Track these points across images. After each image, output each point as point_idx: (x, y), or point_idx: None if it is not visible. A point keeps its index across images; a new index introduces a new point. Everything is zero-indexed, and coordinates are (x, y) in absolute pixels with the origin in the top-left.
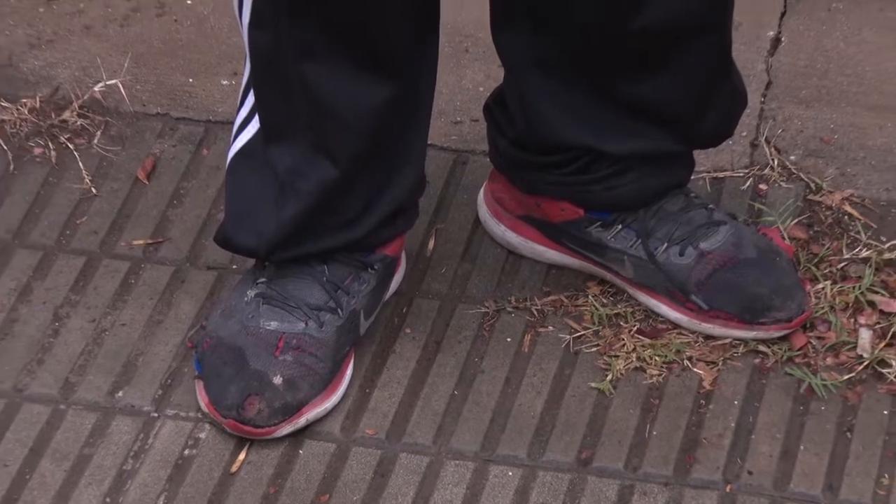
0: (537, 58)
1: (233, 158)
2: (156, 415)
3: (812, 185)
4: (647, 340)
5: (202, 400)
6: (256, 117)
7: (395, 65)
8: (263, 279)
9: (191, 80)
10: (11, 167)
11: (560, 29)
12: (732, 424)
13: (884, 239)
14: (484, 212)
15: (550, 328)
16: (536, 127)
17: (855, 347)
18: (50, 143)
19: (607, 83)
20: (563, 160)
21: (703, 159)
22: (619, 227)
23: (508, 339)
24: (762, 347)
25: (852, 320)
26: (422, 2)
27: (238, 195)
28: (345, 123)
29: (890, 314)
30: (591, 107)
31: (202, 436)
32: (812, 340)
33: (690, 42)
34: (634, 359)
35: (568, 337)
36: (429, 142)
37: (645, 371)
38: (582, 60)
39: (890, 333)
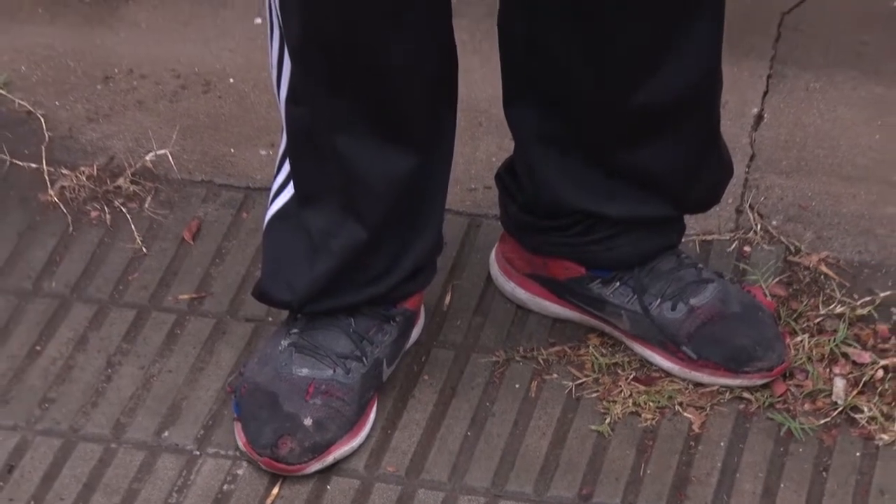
0: (543, 131)
1: (269, 221)
2: (198, 453)
3: (791, 248)
4: (642, 387)
5: (240, 439)
6: (291, 184)
7: (418, 137)
8: (296, 330)
9: (232, 150)
10: (70, 229)
11: (564, 105)
12: (719, 464)
13: (856, 296)
14: (495, 270)
15: (555, 376)
16: (543, 193)
17: (830, 395)
18: (105, 207)
19: (607, 154)
20: (566, 223)
21: (693, 223)
22: (617, 284)
23: (517, 386)
24: (746, 394)
25: (828, 370)
26: (443, 80)
27: (274, 254)
28: (373, 190)
29: (862, 365)
30: (591, 175)
31: (240, 472)
32: (791, 388)
33: (684, 117)
34: (631, 404)
35: (571, 384)
36: (446, 207)
37: (640, 415)
38: (584, 133)
39: (862, 382)
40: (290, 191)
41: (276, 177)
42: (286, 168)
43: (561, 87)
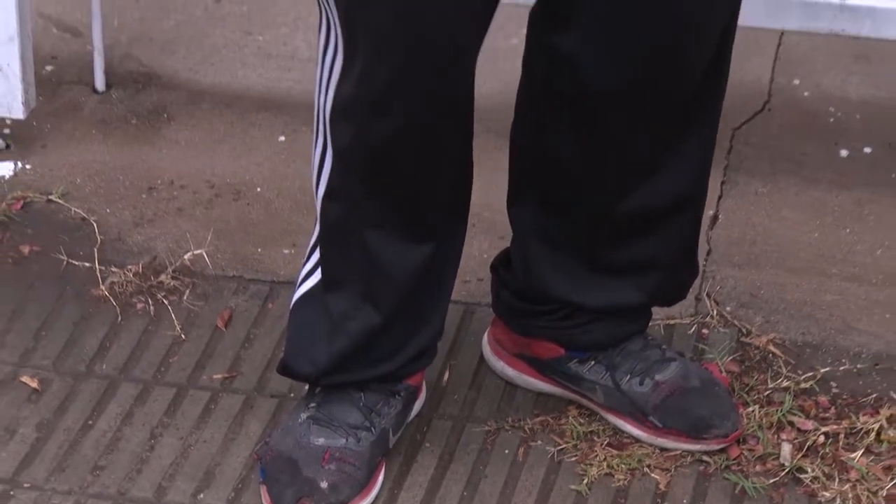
0: (541, 229)
1: (296, 302)
2: None
3: (743, 330)
4: (615, 452)
5: (265, 500)
6: (318, 270)
7: (439, 232)
8: (313, 404)
9: (259, 249)
10: (119, 319)
11: (565, 208)
12: None
13: (800, 372)
14: (487, 351)
15: (539, 442)
16: (533, 284)
17: (778, 458)
18: (149, 300)
19: (594, 252)
20: (550, 309)
21: (657, 309)
22: (593, 363)
23: (506, 452)
24: (705, 457)
25: (776, 436)
26: (464, 183)
27: (298, 332)
28: (392, 280)
29: (806, 431)
30: (577, 269)
31: None
32: (744, 452)
33: (671, 220)
34: (605, 466)
35: (553, 449)
36: None
37: (613, 476)
38: (578, 233)
39: (806, 447)
40: (317, 276)
41: (305, 263)
42: (315, 256)
43: (564, 192)
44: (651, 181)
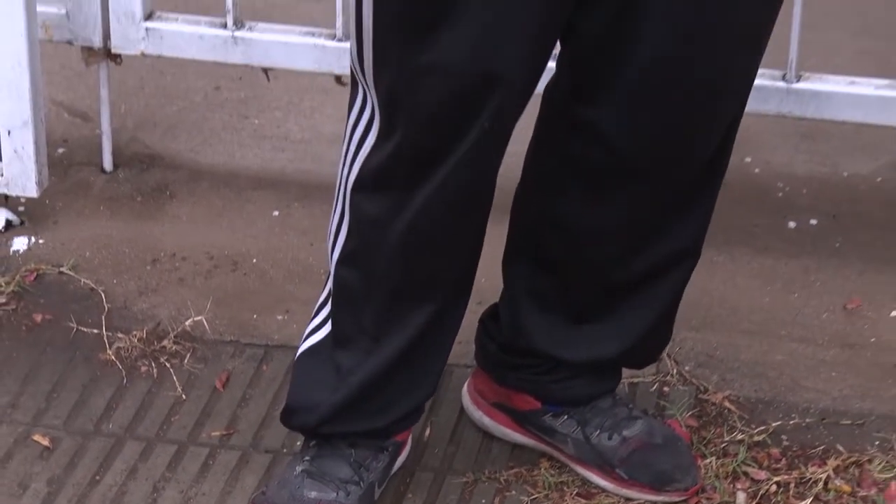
0: (534, 288)
1: (301, 355)
2: None
3: (701, 388)
4: (584, 501)
5: None
6: (327, 325)
7: (446, 295)
8: (308, 458)
9: (255, 316)
10: (125, 381)
11: (561, 270)
12: None
13: (753, 426)
14: (467, 401)
15: (514, 493)
16: (519, 338)
17: None
18: (153, 363)
19: (582, 311)
20: (533, 363)
21: (624, 370)
22: (566, 417)
23: (483, 501)
24: None
25: (731, 486)
26: (478, 248)
27: (303, 383)
28: (397, 338)
29: (759, 481)
30: (563, 328)
31: None
32: (702, 500)
33: (657, 288)
34: None
35: (526, 499)
36: None
37: None
38: (569, 294)
39: (759, 495)
40: (325, 331)
41: (313, 318)
42: (324, 312)
43: (564, 255)
44: (649, 250)
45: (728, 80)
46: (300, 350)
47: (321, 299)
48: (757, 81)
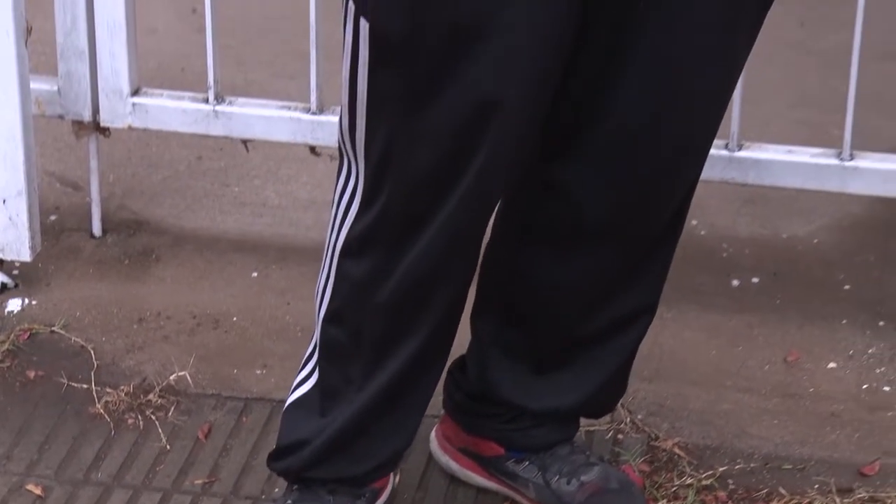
0: (501, 340)
1: (289, 405)
2: None
3: (653, 435)
4: None
5: None
6: (313, 377)
7: (428, 350)
8: (289, 502)
9: (235, 371)
10: (113, 433)
11: (528, 324)
12: None
13: (702, 471)
14: (434, 446)
15: None
16: (486, 388)
17: None
18: (139, 416)
19: (544, 365)
20: (498, 412)
21: (581, 418)
22: (528, 463)
23: None
24: None
25: None
26: (462, 302)
27: (289, 431)
28: (380, 392)
29: None
30: (527, 379)
31: None
32: None
33: (615, 340)
34: None
35: None
36: None
37: None
38: (535, 346)
39: None
40: (311, 383)
41: (300, 371)
42: (310, 366)
43: (531, 310)
44: (611, 306)
45: (691, 147)
46: (288, 401)
47: (307, 353)
48: None
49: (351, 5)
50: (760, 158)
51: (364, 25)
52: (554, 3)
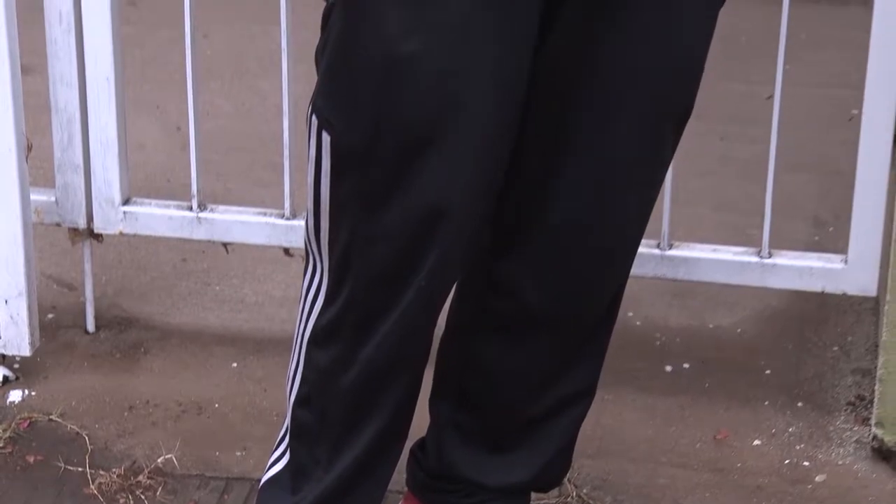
0: (455, 422)
1: (264, 483)
2: None
3: None
4: None
5: None
6: (285, 458)
7: (387, 429)
8: None
9: (217, 453)
10: None
11: (480, 407)
12: None
13: None
14: None
15: None
16: (444, 467)
17: None
18: (130, 496)
19: (497, 444)
20: (456, 489)
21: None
22: None
23: None
24: None
25: None
26: (412, 391)
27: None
28: (345, 466)
29: None
30: (482, 457)
31: None
32: None
33: (561, 418)
34: None
35: None
36: None
37: None
38: (487, 426)
39: None
40: (283, 463)
41: (273, 451)
42: (282, 447)
43: (483, 393)
44: (555, 389)
45: (623, 243)
46: (263, 479)
47: (280, 435)
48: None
49: (314, 119)
50: (689, 256)
51: (326, 137)
52: (500, 113)
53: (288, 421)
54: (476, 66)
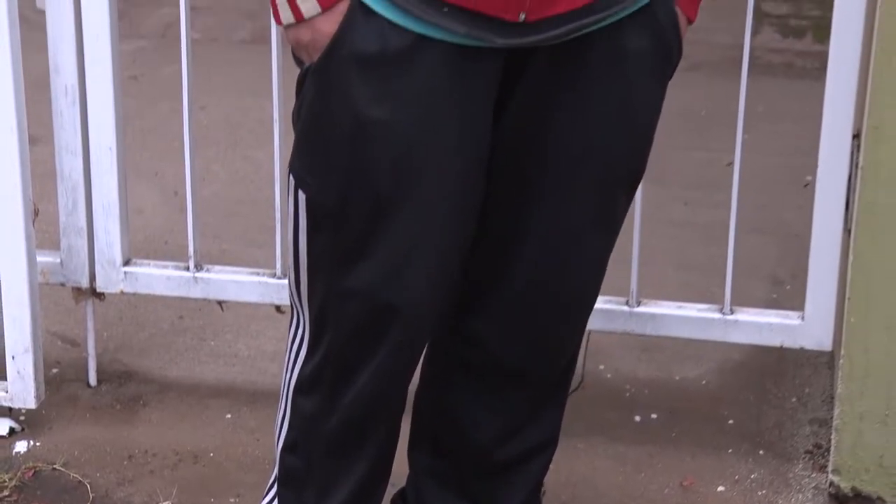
0: (431, 470)
1: None
2: None
3: None
4: None
5: None
6: (275, 503)
7: (369, 473)
8: None
9: (213, 500)
10: None
11: (452, 454)
12: None
13: None
14: None
15: None
16: None
17: None
18: None
19: (469, 490)
20: None
21: None
22: None
23: None
24: None
25: None
26: (390, 437)
27: None
28: None
29: None
30: (456, 500)
31: None
32: None
33: (529, 463)
34: None
35: None
36: None
37: None
38: (460, 473)
39: None
40: None
41: (264, 497)
42: (272, 493)
43: (456, 441)
44: (522, 436)
45: (584, 298)
46: None
47: (270, 481)
48: (607, 306)
49: (292, 179)
50: (655, 313)
51: (302, 197)
52: (463, 178)
53: (276, 467)
54: (440, 135)
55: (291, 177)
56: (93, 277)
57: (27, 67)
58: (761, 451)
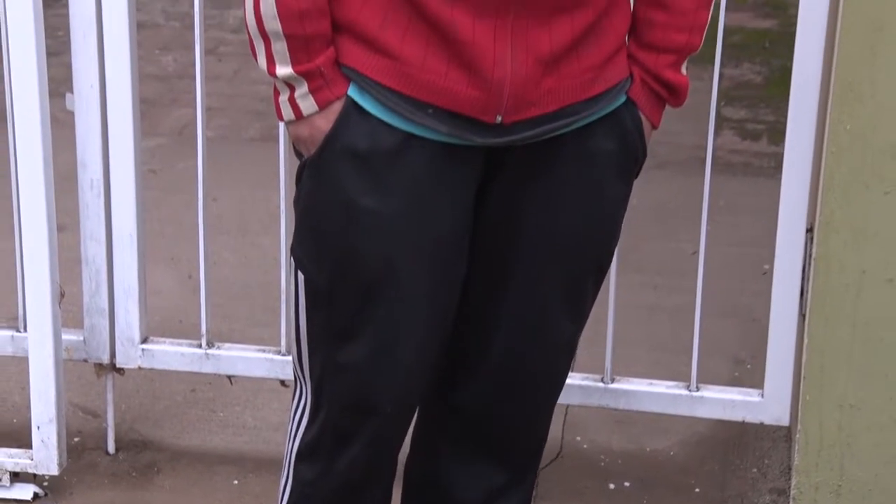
0: None
1: None
2: None
3: None
4: None
5: None
6: None
7: None
8: None
9: None
10: None
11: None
12: None
13: None
14: None
15: None
16: None
17: None
18: None
19: None
20: None
21: None
22: None
23: None
24: None
25: None
26: (386, 489)
27: None
28: None
29: None
30: None
31: None
32: None
33: None
34: None
35: None
36: None
37: None
38: None
39: None
40: None
41: None
42: None
43: (439, 502)
44: (506, 496)
45: (555, 378)
46: None
47: None
48: (584, 382)
49: (292, 260)
50: (628, 389)
51: (301, 277)
52: (446, 262)
53: None
54: (426, 225)
55: (292, 258)
56: (113, 354)
57: (56, 162)
58: None
